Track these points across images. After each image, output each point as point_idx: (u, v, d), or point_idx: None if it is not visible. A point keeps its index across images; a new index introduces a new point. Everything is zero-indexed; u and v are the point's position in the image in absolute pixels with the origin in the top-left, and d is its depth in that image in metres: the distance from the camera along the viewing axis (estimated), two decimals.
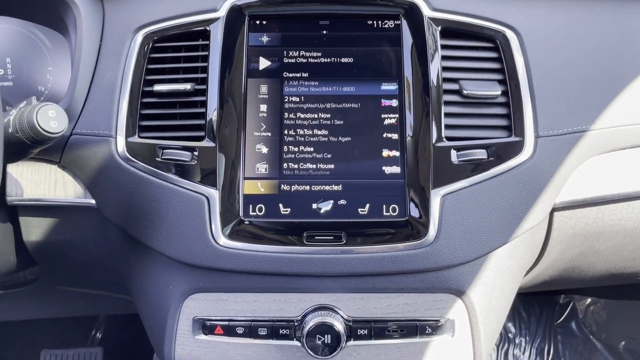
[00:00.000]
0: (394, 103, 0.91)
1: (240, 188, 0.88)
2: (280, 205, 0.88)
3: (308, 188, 0.89)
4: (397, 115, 0.91)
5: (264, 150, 0.90)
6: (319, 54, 0.93)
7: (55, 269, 1.11)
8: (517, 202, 0.89)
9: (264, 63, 0.93)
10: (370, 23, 0.94)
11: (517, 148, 0.89)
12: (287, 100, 0.91)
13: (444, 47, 0.93)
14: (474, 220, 0.87)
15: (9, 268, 1.00)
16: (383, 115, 0.91)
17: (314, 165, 0.90)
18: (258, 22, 0.94)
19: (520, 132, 0.90)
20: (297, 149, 0.90)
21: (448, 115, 0.90)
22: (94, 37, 0.93)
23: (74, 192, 0.93)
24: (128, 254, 0.98)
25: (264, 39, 0.94)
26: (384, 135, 0.90)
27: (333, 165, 0.90)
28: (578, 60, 0.96)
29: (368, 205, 0.88)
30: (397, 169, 0.89)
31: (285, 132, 0.90)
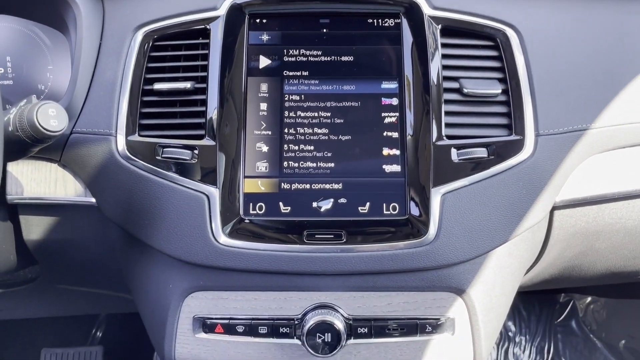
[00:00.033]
0: (394, 101, 0.91)
1: (241, 186, 0.88)
2: (281, 204, 0.88)
3: (308, 186, 0.89)
4: (397, 114, 0.90)
5: (264, 149, 0.90)
6: (319, 53, 0.93)
7: (56, 268, 1.11)
8: (517, 200, 0.89)
9: (264, 61, 0.93)
10: (371, 21, 0.94)
11: (517, 147, 0.89)
12: (287, 99, 0.91)
13: (444, 45, 0.93)
14: (474, 219, 0.87)
15: (9, 267, 1.00)
16: (383, 114, 0.91)
17: (314, 164, 0.90)
18: (258, 20, 0.94)
19: (521, 130, 0.90)
20: (297, 148, 0.90)
21: (448, 114, 0.90)
22: (94, 35, 0.93)
23: (74, 190, 0.93)
24: (128, 253, 0.98)
25: (264, 38, 0.94)
26: (384, 134, 0.90)
27: (333, 164, 0.90)
28: (578, 59, 0.96)
29: (368, 204, 0.88)
30: (397, 168, 0.89)
31: (286, 130, 0.90)
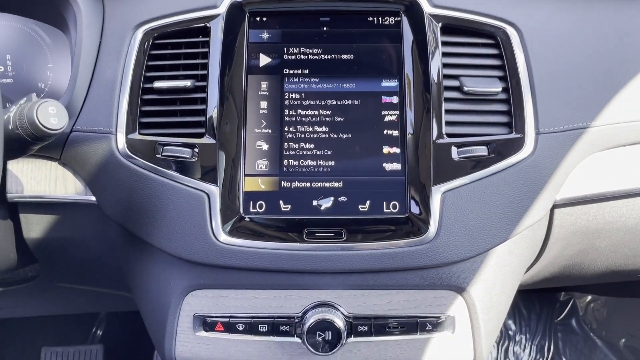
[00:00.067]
0: (395, 100, 0.91)
1: (241, 185, 0.88)
2: (281, 202, 0.88)
3: (308, 185, 0.89)
4: (397, 112, 0.90)
5: (265, 147, 0.90)
6: (320, 51, 0.93)
7: (56, 266, 1.11)
8: (517, 198, 0.89)
9: (264, 60, 0.93)
10: (371, 20, 0.94)
11: (517, 145, 0.89)
12: (287, 97, 0.91)
13: (445, 43, 0.92)
14: (475, 217, 0.87)
15: (10, 265, 1.00)
16: (383, 112, 0.91)
17: (315, 162, 0.90)
18: (258, 18, 0.94)
19: (521, 128, 0.90)
20: (297, 146, 0.90)
21: (448, 112, 0.90)
22: (94, 33, 0.93)
23: (75, 189, 0.93)
24: (128, 251, 0.98)
25: (264, 36, 0.93)
26: (385, 132, 0.90)
27: (333, 162, 0.90)
28: (579, 57, 0.96)
29: (368, 202, 0.88)
30: (397, 166, 0.89)
31: (286, 129, 0.90)
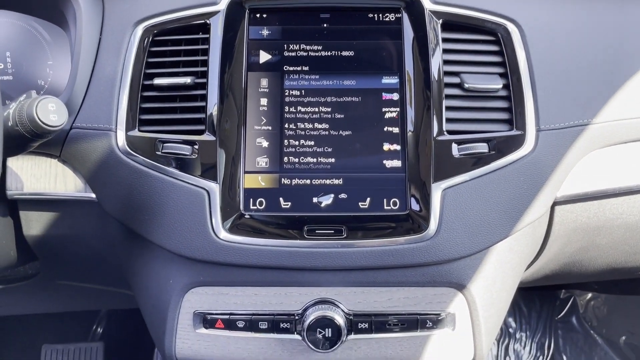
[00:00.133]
0: (395, 97, 0.91)
1: (241, 182, 0.88)
2: (281, 199, 0.88)
3: (309, 182, 0.89)
4: (398, 109, 0.90)
5: (265, 144, 0.90)
6: (320, 48, 0.93)
7: (56, 264, 1.11)
8: (518, 195, 0.88)
9: (265, 56, 0.92)
10: (371, 16, 0.93)
11: (518, 142, 0.89)
12: (287, 94, 0.91)
13: (445, 40, 0.92)
14: (475, 214, 0.87)
15: (10, 262, 1.00)
16: (384, 109, 0.90)
17: (315, 159, 0.89)
18: (258, 15, 0.94)
19: (522, 125, 0.90)
20: (297, 143, 0.90)
21: (449, 109, 0.90)
22: (94, 30, 0.93)
23: (74, 186, 0.93)
24: (128, 248, 0.98)
25: (264, 33, 0.93)
26: (385, 129, 0.90)
27: (334, 159, 0.89)
28: (579, 54, 0.95)
29: (369, 199, 0.88)
30: (397, 163, 0.89)
31: (286, 125, 0.90)
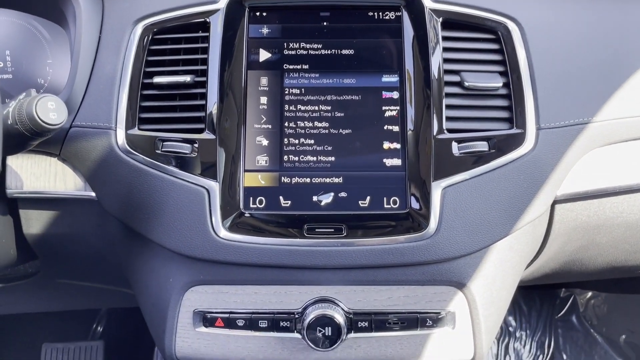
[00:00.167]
0: (395, 95, 0.91)
1: (241, 180, 0.88)
2: (281, 198, 0.88)
3: (308, 180, 0.89)
4: (398, 108, 0.90)
5: (265, 143, 0.90)
6: (320, 46, 0.92)
7: (56, 262, 1.11)
8: (518, 194, 0.88)
9: (264, 55, 0.92)
10: (371, 14, 0.93)
11: (518, 140, 0.89)
12: (287, 93, 0.91)
13: (445, 38, 0.92)
14: (475, 213, 0.87)
15: (9, 261, 1.00)
16: (384, 108, 0.90)
17: (315, 158, 0.89)
18: (258, 13, 0.94)
19: (522, 124, 0.90)
20: (297, 142, 0.90)
21: (449, 107, 0.90)
22: (94, 29, 0.93)
23: (74, 184, 0.93)
24: (128, 247, 0.98)
25: (264, 31, 0.93)
26: (385, 128, 0.90)
27: (334, 158, 0.89)
28: (580, 53, 0.95)
29: (369, 198, 0.88)
30: (397, 161, 0.89)
31: (286, 124, 0.90)
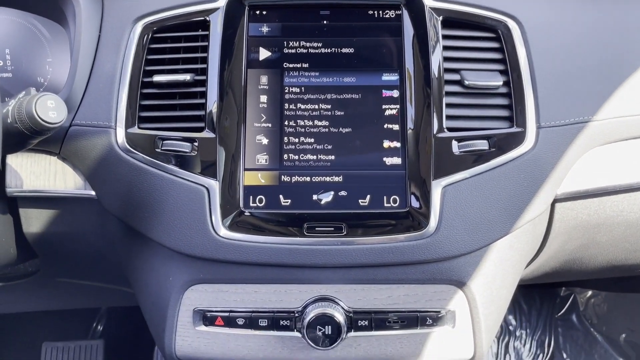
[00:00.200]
0: (395, 94, 0.91)
1: (241, 179, 0.88)
2: (281, 197, 0.88)
3: (308, 179, 0.89)
4: (398, 106, 0.90)
5: (264, 142, 0.90)
6: (320, 44, 0.92)
7: (56, 261, 1.11)
8: (518, 193, 0.88)
9: (264, 53, 0.92)
10: (371, 13, 0.93)
11: (518, 139, 0.89)
12: (287, 91, 0.91)
13: (446, 37, 0.92)
14: (475, 211, 0.87)
15: (9, 260, 1.00)
16: (384, 106, 0.90)
17: (315, 157, 0.89)
18: (258, 12, 0.93)
19: (522, 122, 0.90)
20: (297, 140, 0.90)
21: (449, 106, 0.90)
22: (93, 27, 0.93)
23: (74, 183, 0.93)
24: (128, 246, 0.98)
25: (264, 29, 0.93)
26: (385, 126, 0.90)
27: (334, 157, 0.89)
28: (580, 51, 0.95)
29: (369, 197, 0.88)
30: (398, 160, 0.89)
31: (286, 123, 0.90)
